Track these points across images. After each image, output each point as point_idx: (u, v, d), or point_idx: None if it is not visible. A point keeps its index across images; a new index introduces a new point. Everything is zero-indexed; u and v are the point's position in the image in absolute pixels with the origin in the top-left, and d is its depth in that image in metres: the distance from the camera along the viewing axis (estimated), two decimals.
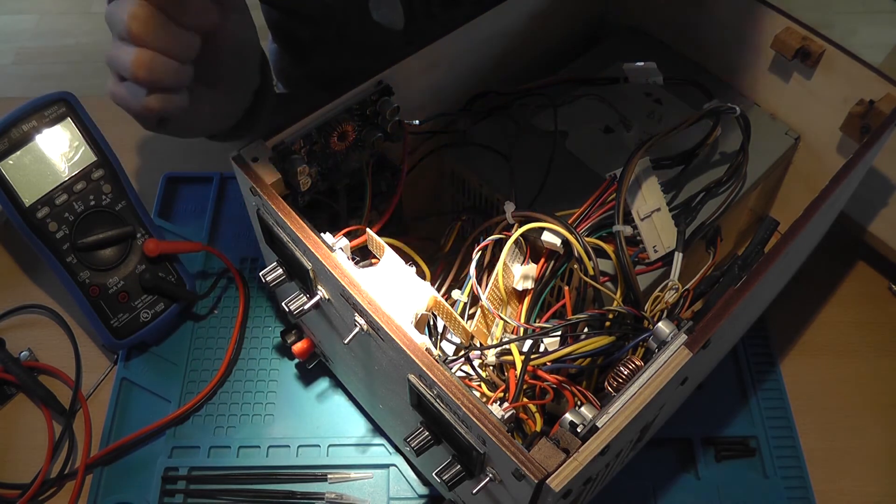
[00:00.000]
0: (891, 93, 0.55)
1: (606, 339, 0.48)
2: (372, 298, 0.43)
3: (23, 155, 0.59)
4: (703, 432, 0.61)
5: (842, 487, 0.60)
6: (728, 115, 0.58)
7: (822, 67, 0.59)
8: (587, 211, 0.53)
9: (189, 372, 0.64)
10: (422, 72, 0.59)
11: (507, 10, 0.62)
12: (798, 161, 0.64)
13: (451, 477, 0.44)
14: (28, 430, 0.61)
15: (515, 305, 0.54)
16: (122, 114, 0.80)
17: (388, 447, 0.60)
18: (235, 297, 0.68)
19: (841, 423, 0.63)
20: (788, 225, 0.47)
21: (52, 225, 0.60)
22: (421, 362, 0.41)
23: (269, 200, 0.48)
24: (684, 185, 0.58)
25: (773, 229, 0.52)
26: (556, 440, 0.39)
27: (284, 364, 0.65)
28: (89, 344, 0.66)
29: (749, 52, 0.63)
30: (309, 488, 0.59)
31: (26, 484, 0.57)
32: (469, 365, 0.52)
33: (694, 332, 0.42)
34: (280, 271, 0.52)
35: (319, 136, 0.54)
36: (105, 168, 0.62)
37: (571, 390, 0.48)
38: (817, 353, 0.66)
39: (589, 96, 0.64)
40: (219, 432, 0.61)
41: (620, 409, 0.40)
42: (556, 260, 0.52)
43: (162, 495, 0.58)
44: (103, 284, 0.61)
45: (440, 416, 0.42)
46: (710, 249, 0.55)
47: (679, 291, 0.50)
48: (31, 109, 0.59)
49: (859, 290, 0.70)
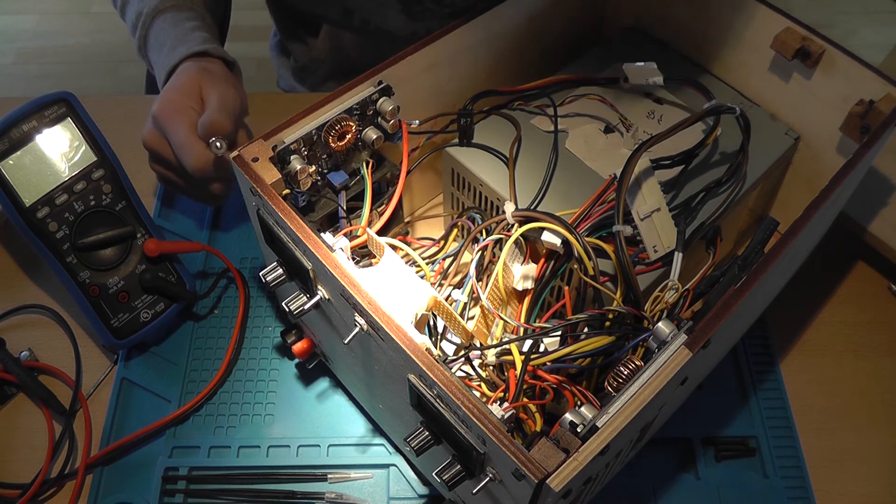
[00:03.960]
0: (891, 93, 0.55)
1: (606, 339, 0.48)
2: (372, 298, 0.43)
3: (23, 155, 0.59)
4: (703, 432, 0.61)
5: (842, 487, 0.60)
6: (728, 115, 0.58)
7: (822, 67, 0.59)
8: (587, 211, 0.53)
9: (189, 372, 0.64)
10: (422, 72, 0.59)
11: (507, 10, 0.62)
12: (798, 161, 0.64)
13: (451, 477, 0.44)
14: (28, 430, 0.61)
15: (515, 305, 0.54)
16: (122, 114, 0.81)
17: (388, 447, 0.60)
18: (235, 297, 0.68)
19: (841, 423, 0.63)
20: (788, 225, 0.47)
21: (53, 225, 0.60)
22: (421, 362, 0.41)
23: (269, 200, 0.48)
24: (684, 185, 0.58)
25: (773, 229, 0.52)
26: (556, 440, 0.39)
27: (284, 364, 0.65)
28: (89, 344, 0.66)
29: (749, 52, 0.63)
30: (309, 488, 0.59)
31: (26, 484, 0.57)
32: (469, 365, 0.52)
33: (694, 332, 0.42)
34: (280, 271, 0.52)
35: (319, 136, 0.54)
36: (105, 168, 0.62)
37: (571, 390, 0.48)
38: (817, 353, 0.66)
39: (589, 96, 0.64)
40: (219, 432, 0.61)
41: (620, 409, 0.40)
42: (556, 260, 0.52)
43: (162, 495, 0.58)
44: (103, 284, 0.61)
45: (440, 416, 0.42)
46: (710, 249, 0.55)
47: (679, 291, 0.50)
48: (31, 109, 0.59)
49: (859, 290, 0.70)
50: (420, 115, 0.59)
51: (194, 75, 0.64)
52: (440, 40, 0.58)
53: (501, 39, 0.64)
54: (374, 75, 0.55)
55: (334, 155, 0.56)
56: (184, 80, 0.64)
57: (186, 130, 0.60)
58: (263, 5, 1.07)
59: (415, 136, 0.60)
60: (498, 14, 0.61)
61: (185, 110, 0.61)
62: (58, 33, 2.01)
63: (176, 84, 0.64)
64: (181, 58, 0.66)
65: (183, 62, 0.66)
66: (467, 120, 0.60)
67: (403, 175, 0.56)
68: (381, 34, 0.83)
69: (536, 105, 0.63)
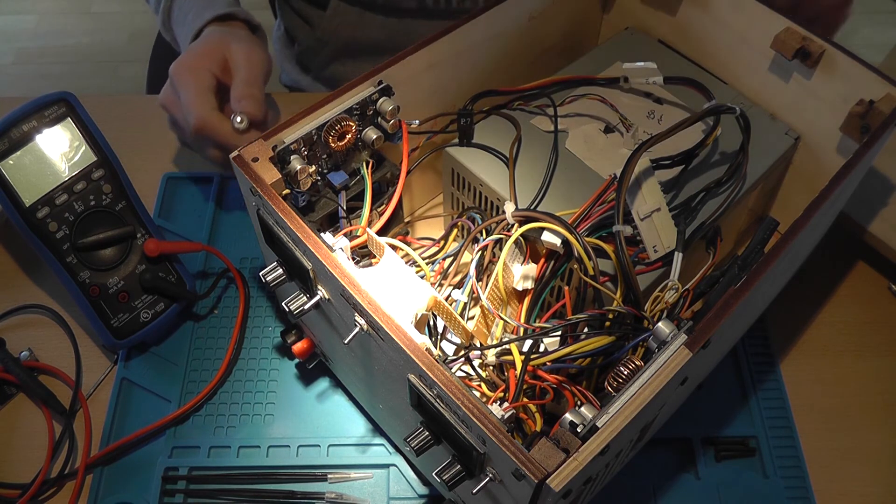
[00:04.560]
0: (891, 93, 0.55)
1: (606, 339, 0.48)
2: (372, 298, 0.43)
3: (23, 155, 0.59)
4: (703, 432, 0.61)
5: (842, 487, 0.60)
6: (728, 115, 0.58)
7: (822, 67, 0.59)
8: (587, 211, 0.53)
9: (189, 372, 0.64)
10: (422, 72, 0.59)
11: (508, 10, 0.62)
12: (798, 161, 0.64)
13: (451, 477, 0.44)
14: (28, 430, 0.61)
15: (515, 305, 0.54)
16: (122, 114, 0.81)
17: (388, 447, 0.60)
18: (235, 297, 0.68)
19: (841, 423, 0.63)
20: (788, 225, 0.47)
21: (53, 225, 0.60)
22: (421, 362, 0.41)
23: (269, 200, 0.48)
24: (684, 185, 0.58)
25: (773, 229, 0.52)
26: (556, 440, 0.39)
27: (284, 364, 0.65)
28: (89, 344, 0.66)
29: (749, 52, 0.63)
30: (309, 488, 0.59)
31: (26, 484, 0.57)
32: (469, 365, 0.52)
33: (694, 332, 0.42)
34: (280, 271, 0.52)
35: (319, 136, 0.54)
36: (105, 168, 0.62)
37: (571, 390, 0.48)
38: (817, 353, 0.66)
39: (589, 96, 0.64)
40: (219, 432, 0.61)
41: (620, 409, 0.40)
42: (556, 260, 0.52)
43: (162, 495, 0.58)
44: (103, 284, 0.61)
45: (440, 416, 0.42)
46: (710, 249, 0.55)
47: (679, 291, 0.50)
48: (31, 109, 0.59)
49: (859, 290, 0.70)
50: (420, 115, 0.59)
51: (218, 39, 0.64)
52: (440, 40, 0.58)
53: (501, 39, 0.64)
54: (374, 75, 0.55)
55: (334, 155, 0.56)
56: (205, 43, 0.64)
57: (195, 90, 0.60)
58: (265, 5, 1.08)
59: (415, 136, 0.60)
60: (498, 14, 0.61)
61: (198, 70, 0.61)
62: (58, 33, 2.01)
63: (196, 46, 0.64)
64: (206, 21, 0.67)
65: (207, 26, 0.67)
66: (467, 120, 0.60)
67: (403, 175, 0.56)
68: (389, 7, 0.82)
69: (536, 105, 0.63)
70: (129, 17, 2.05)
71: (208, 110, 0.60)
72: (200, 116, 0.60)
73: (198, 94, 0.61)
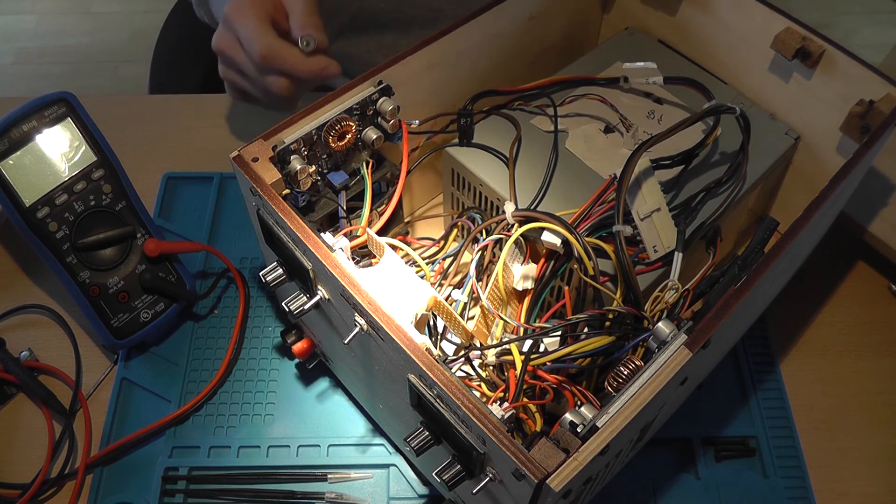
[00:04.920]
0: (891, 93, 0.55)
1: (606, 339, 0.48)
2: (372, 298, 0.43)
3: (23, 155, 0.59)
4: (703, 432, 0.61)
5: (842, 487, 0.60)
6: (728, 115, 0.58)
7: (822, 67, 0.59)
8: (587, 211, 0.53)
9: (189, 372, 0.64)
10: (422, 72, 0.59)
11: (508, 10, 0.62)
12: (798, 161, 0.64)
13: (451, 477, 0.44)
14: (28, 430, 0.61)
15: (515, 305, 0.54)
16: (122, 114, 0.81)
17: (388, 447, 0.60)
18: (235, 297, 0.68)
19: (841, 423, 0.63)
20: (788, 225, 0.47)
21: (52, 225, 0.60)
22: (421, 362, 0.41)
23: (269, 200, 0.48)
24: (684, 185, 0.58)
25: (773, 229, 0.52)
26: (556, 440, 0.39)
27: (284, 364, 0.65)
28: (89, 344, 0.66)
29: (749, 52, 0.63)
30: (309, 488, 0.59)
31: (26, 484, 0.57)
32: (469, 365, 0.52)
33: (694, 332, 0.42)
34: (280, 271, 0.52)
35: (319, 136, 0.54)
36: (105, 168, 0.62)
37: (571, 390, 0.48)
38: (817, 353, 0.66)
39: (589, 96, 0.64)
40: (219, 432, 0.61)
41: (620, 409, 0.40)
42: (556, 260, 0.52)
43: (162, 495, 0.58)
44: (103, 284, 0.61)
45: (440, 416, 0.42)
46: (710, 249, 0.55)
47: (679, 291, 0.50)
48: (31, 109, 0.59)
49: (859, 290, 0.70)
50: (420, 115, 0.59)
51: None
52: (440, 40, 0.58)
53: (501, 39, 0.64)
54: (374, 75, 0.55)
55: (334, 155, 0.56)
56: None
57: (255, 21, 0.60)
58: None
59: (415, 136, 0.60)
60: (498, 14, 0.61)
61: (255, 4, 0.61)
62: (58, 33, 2.01)
63: None
64: None
65: None
66: (467, 120, 0.60)
67: (403, 175, 0.56)
68: None
69: (536, 105, 0.63)
70: (129, 17, 2.05)
71: (273, 37, 0.60)
72: (267, 44, 0.59)
73: (259, 23, 0.60)
